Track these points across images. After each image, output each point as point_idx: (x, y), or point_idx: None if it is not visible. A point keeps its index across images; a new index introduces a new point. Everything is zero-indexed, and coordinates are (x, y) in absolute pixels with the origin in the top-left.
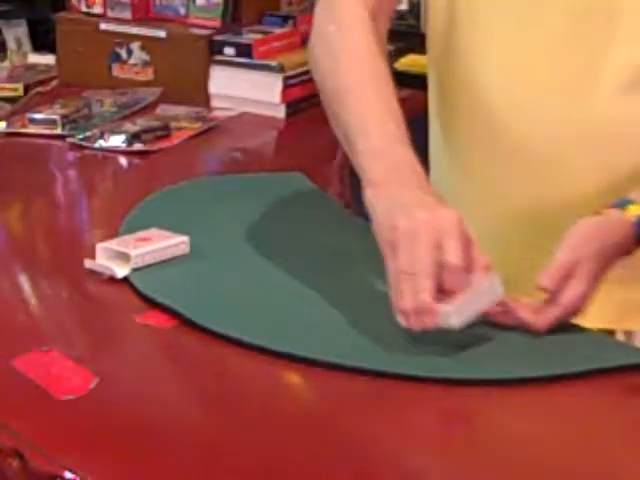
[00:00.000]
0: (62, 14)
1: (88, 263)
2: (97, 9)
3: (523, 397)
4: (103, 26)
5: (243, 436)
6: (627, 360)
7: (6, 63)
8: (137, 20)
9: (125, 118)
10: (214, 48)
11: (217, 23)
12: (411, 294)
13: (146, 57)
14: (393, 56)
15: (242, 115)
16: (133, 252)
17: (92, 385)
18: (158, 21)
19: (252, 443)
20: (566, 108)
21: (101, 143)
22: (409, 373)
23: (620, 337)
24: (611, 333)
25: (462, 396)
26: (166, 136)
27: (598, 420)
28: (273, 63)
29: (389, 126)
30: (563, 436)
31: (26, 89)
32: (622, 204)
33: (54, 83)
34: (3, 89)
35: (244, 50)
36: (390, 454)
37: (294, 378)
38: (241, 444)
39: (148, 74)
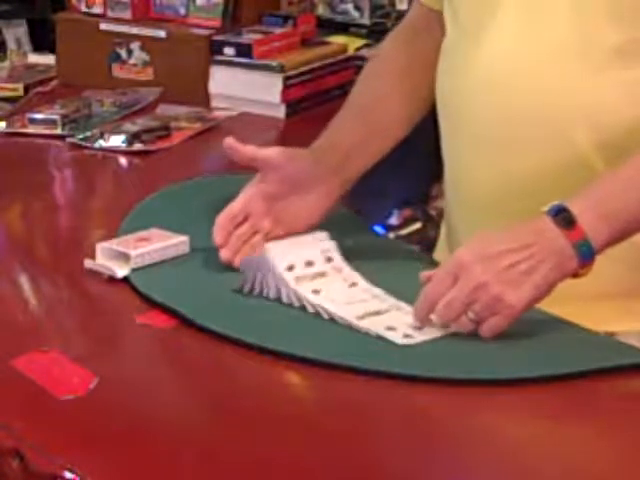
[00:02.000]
0: (62, 14)
1: (88, 263)
2: (97, 9)
3: (523, 397)
4: (103, 26)
5: (242, 436)
6: (627, 360)
7: (6, 63)
8: (137, 20)
9: (125, 118)
10: (214, 48)
11: (217, 23)
12: None
13: (146, 57)
14: None
15: (242, 115)
16: (133, 252)
17: (92, 385)
18: (158, 21)
19: (252, 443)
20: (526, 92)
21: (101, 143)
22: (409, 373)
23: None
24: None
25: (462, 396)
26: (166, 136)
27: (598, 420)
28: (273, 63)
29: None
30: (563, 436)
31: (26, 89)
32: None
33: (54, 83)
34: (3, 89)
35: (244, 50)
36: (390, 453)
37: (294, 378)
38: (240, 444)
39: (148, 74)
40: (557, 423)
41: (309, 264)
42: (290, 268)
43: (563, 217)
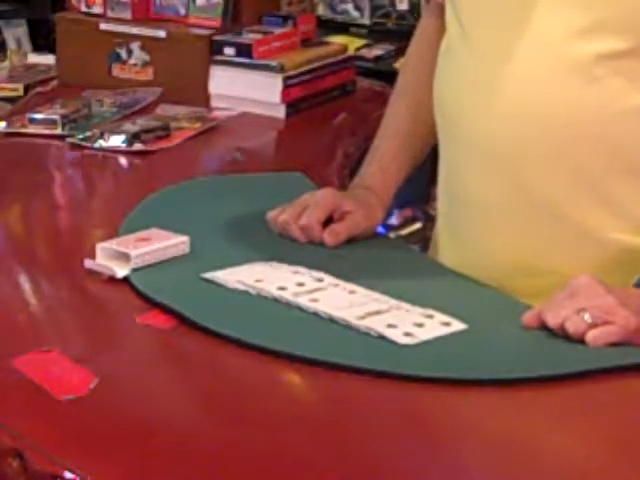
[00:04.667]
0: (62, 14)
1: (88, 263)
2: (97, 9)
3: (523, 397)
4: (103, 26)
5: (242, 436)
6: (627, 360)
7: (6, 63)
8: (137, 20)
9: (125, 118)
10: (214, 48)
11: (217, 23)
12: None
13: (146, 57)
14: (393, 56)
15: (242, 115)
16: (133, 252)
17: (92, 385)
18: (158, 21)
19: (251, 443)
20: (527, 102)
21: (101, 143)
22: (410, 373)
23: None
24: None
25: (462, 396)
26: (166, 136)
27: (598, 420)
28: (273, 63)
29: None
30: (562, 436)
31: (26, 89)
32: None
33: (54, 83)
34: (3, 89)
35: (244, 50)
36: (390, 453)
37: (294, 378)
38: (240, 444)
39: (148, 74)
40: (557, 423)
41: (300, 285)
42: (282, 288)
43: None
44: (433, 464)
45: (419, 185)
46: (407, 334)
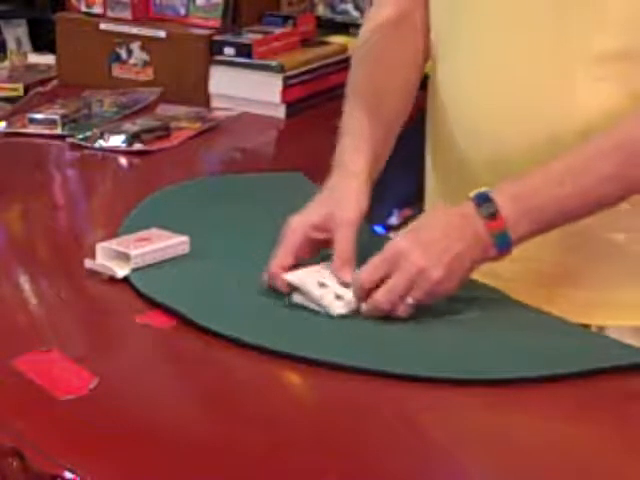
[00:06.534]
0: (62, 14)
1: (88, 263)
2: (97, 9)
3: (523, 397)
4: (103, 26)
5: (242, 435)
6: (626, 360)
7: (6, 63)
8: (137, 20)
9: (125, 118)
10: (214, 48)
11: (217, 23)
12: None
13: (146, 57)
14: None
15: (242, 115)
16: (133, 252)
17: (92, 385)
18: (158, 21)
19: (251, 442)
20: (537, 102)
21: (101, 143)
22: (409, 373)
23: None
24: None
25: (462, 396)
26: (166, 136)
27: (598, 420)
28: (273, 63)
29: (358, 160)
30: (562, 436)
31: (26, 89)
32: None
33: (54, 83)
34: (3, 89)
35: (244, 50)
36: (390, 453)
37: (294, 378)
38: (240, 443)
39: (148, 74)
40: (556, 423)
41: (322, 285)
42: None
43: (487, 207)
44: (431, 464)
45: (419, 185)
46: (338, 297)
